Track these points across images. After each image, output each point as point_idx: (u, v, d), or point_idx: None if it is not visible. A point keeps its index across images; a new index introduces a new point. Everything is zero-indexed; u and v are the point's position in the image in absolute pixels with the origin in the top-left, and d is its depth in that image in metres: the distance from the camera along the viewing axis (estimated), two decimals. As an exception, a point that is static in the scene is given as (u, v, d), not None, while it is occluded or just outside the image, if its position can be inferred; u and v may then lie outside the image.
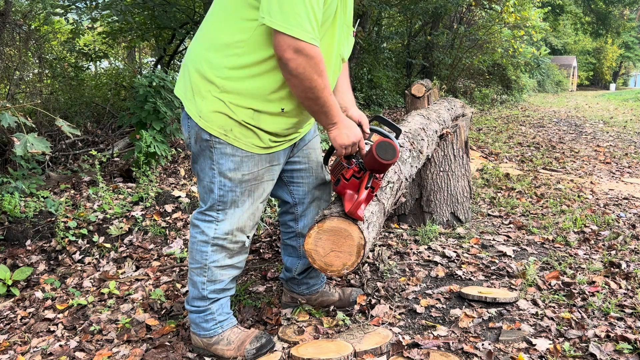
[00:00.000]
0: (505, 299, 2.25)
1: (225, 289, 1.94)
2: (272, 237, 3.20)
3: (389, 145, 1.70)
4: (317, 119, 1.72)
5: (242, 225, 1.86)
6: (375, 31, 12.82)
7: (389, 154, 1.69)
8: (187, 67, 1.74)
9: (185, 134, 1.80)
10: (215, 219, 1.83)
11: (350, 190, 1.80)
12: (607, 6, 24.90)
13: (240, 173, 1.77)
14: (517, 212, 3.79)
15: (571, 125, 9.69)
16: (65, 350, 2.10)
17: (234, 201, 1.81)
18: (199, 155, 1.79)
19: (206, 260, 1.86)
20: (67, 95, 6.95)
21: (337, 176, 1.87)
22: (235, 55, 1.63)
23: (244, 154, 1.75)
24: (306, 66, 1.54)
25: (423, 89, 3.97)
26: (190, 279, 1.92)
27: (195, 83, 1.70)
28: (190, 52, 1.75)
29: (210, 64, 1.66)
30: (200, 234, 1.85)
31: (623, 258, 2.83)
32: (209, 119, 1.70)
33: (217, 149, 1.74)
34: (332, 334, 2.04)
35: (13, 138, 2.52)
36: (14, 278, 2.74)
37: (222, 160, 1.75)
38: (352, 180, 1.80)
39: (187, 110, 1.74)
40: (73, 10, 7.41)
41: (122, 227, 3.26)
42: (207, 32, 1.71)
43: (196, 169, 1.84)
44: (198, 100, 1.70)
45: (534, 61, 14.09)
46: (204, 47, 1.69)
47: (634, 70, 48.09)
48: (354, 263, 1.80)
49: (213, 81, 1.66)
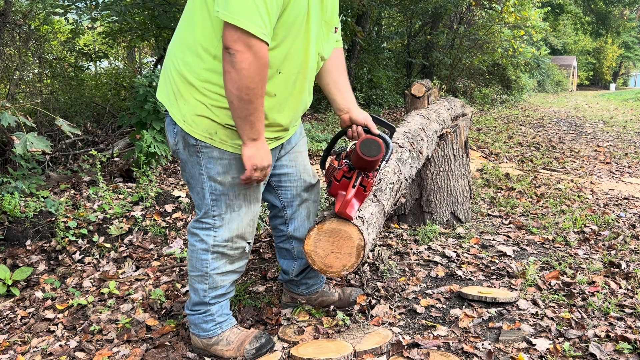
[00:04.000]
0: (505, 299, 2.25)
1: (226, 293, 1.94)
2: (272, 237, 3.20)
3: (372, 142, 1.71)
4: (240, 127, 1.60)
5: (242, 231, 1.84)
6: (375, 31, 12.83)
7: (373, 151, 1.70)
8: (169, 71, 1.71)
9: (171, 140, 1.76)
10: (213, 225, 1.80)
11: (341, 190, 1.81)
12: (607, 6, 24.89)
13: (230, 176, 1.74)
14: (517, 212, 3.79)
15: (571, 125, 9.69)
16: (65, 350, 2.10)
17: (229, 205, 1.78)
18: (187, 161, 1.76)
19: (207, 268, 1.85)
20: (67, 95, 6.95)
21: (329, 178, 1.88)
22: (210, 56, 1.60)
23: (231, 156, 1.72)
24: (252, 63, 1.49)
25: (423, 89, 3.97)
26: (191, 285, 1.91)
27: (177, 87, 1.67)
28: (170, 55, 1.72)
29: (189, 67, 1.64)
30: (200, 242, 1.83)
31: (623, 258, 2.83)
32: (193, 123, 1.67)
33: (204, 153, 1.71)
34: (332, 334, 2.04)
35: (13, 137, 2.52)
36: (14, 278, 2.74)
37: (211, 165, 1.72)
38: (343, 180, 1.80)
39: (172, 115, 1.71)
40: (73, 10, 7.41)
41: (122, 227, 3.26)
42: (183, 34, 1.68)
43: (186, 176, 1.81)
44: (181, 104, 1.67)
45: (534, 61, 14.10)
46: (182, 50, 1.66)
47: (634, 70, 48.08)
48: (354, 264, 1.80)
49: (193, 84, 1.63)
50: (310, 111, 10.00)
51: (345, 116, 1.94)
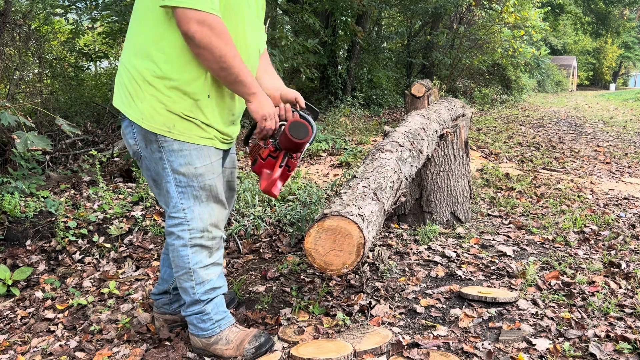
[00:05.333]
0: (505, 298, 2.25)
1: (215, 287, 1.93)
2: (272, 237, 3.20)
3: (301, 125, 1.81)
4: (235, 90, 1.75)
5: (215, 220, 1.88)
6: (375, 31, 12.83)
7: (301, 133, 1.80)
8: (121, 77, 1.78)
9: (131, 141, 1.80)
10: (184, 219, 1.82)
11: (266, 169, 1.89)
12: (607, 6, 24.88)
13: (193, 167, 1.78)
14: (517, 212, 3.79)
15: (571, 125, 9.69)
16: (65, 350, 2.10)
17: (196, 197, 1.82)
18: (150, 159, 1.79)
19: (189, 263, 1.85)
20: (67, 95, 6.96)
21: (255, 156, 1.94)
22: (158, 51, 1.68)
23: (191, 147, 1.77)
24: (212, 35, 1.59)
25: (423, 89, 3.97)
26: (180, 287, 1.91)
27: (132, 88, 1.73)
28: (122, 61, 1.79)
29: (139, 67, 1.70)
30: (177, 240, 1.85)
31: (623, 258, 2.83)
32: (151, 119, 1.72)
33: (164, 147, 1.75)
34: (332, 334, 2.04)
35: (13, 136, 2.53)
36: (14, 278, 2.74)
37: (173, 157, 1.76)
38: (269, 159, 1.88)
39: (129, 117, 1.75)
40: (73, 10, 7.42)
41: (122, 227, 3.26)
42: (132, 39, 1.75)
43: (150, 175, 1.84)
44: (138, 103, 1.72)
45: (534, 61, 14.09)
46: (133, 54, 1.73)
47: (634, 70, 48.07)
48: (354, 262, 1.80)
49: (148, 80, 1.70)
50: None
51: (277, 93, 2.01)
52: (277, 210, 3.47)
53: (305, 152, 2.13)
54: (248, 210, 3.42)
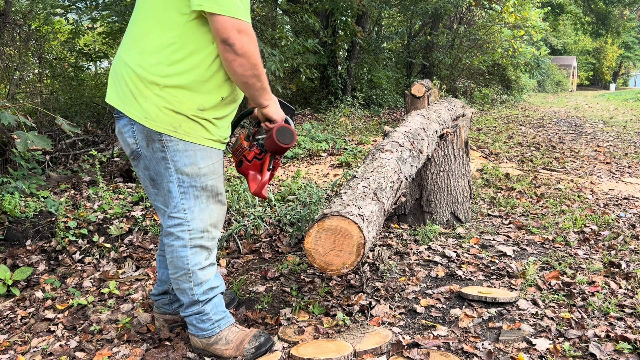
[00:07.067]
0: (505, 299, 2.26)
1: (213, 287, 1.92)
2: (272, 237, 3.20)
3: (287, 130, 1.87)
4: (258, 97, 1.79)
5: (215, 220, 1.89)
6: (375, 31, 12.83)
7: (287, 139, 1.87)
8: (120, 74, 1.75)
9: (130, 140, 1.77)
10: (184, 219, 1.82)
11: (252, 171, 1.95)
12: (607, 6, 24.87)
13: (197, 167, 1.78)
14: (517, 212, 3.79)
15: (571, 125, 9.69)
16: (65, 350, 2.10)
17: (197, 197, 1.82)
18: (150, 158, 1.78)
19: (188, 265, 1.84)
20: (67, 95, 6.96)
21: (240, 158, 1.97)
22: (170, 52, 1.67)
23: (196, 147, 1.77)
24: (250, 44, 1.64)
25: (423, 89, 3.97)
26: (177, 288, 1.90)
27: (134, 87, 1.71)
28: (122, 59, 1.76)
29: (146, 67, 1.69)
30: (177, 240, 1.83)
31: (623, 258, 2.83)
32: (156, 118, 1.70)
33: (169, 147, 1.74)
34: (332, 334, 2.04)
35: (13, 135, 2.53)
36: (14, 278, 2.74)
37: (177, 157, 1.75)
38: (254, 161, 1.94)
39: (130, 115, 1.73)
40: (73, 10, 7.42)
41: (122, 227, 3.26)
42: (137, 37, 1.74)
43: (149, 174, 1.82)
44: (141, 101, 1.70)
45: (534, 61, 14.09)
46: (137, 52, 1.71)
47: (634, 70, 48.07)
48: (354, 262, 1.80)
49: (154, 81, 1.68)
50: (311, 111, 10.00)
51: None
52: (277, 210, 3.47)
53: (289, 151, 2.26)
54: (248, 210, 3.42)
